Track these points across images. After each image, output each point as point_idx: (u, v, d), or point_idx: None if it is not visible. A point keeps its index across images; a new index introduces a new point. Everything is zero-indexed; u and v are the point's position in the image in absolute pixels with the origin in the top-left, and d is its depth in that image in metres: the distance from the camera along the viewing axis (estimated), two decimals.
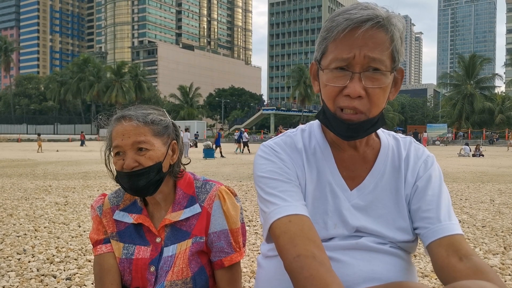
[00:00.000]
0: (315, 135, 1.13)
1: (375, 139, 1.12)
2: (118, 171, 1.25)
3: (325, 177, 1.07)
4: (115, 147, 1.24)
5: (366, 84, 0.94)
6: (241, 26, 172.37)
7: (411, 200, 1.07)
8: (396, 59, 0.97)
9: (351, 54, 0.94)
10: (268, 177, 1.03)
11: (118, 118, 1.27)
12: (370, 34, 0.93)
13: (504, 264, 3.41)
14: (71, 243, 3.90)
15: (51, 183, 8.59)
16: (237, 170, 12.78)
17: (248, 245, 3.93)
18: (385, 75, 0.96)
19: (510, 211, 5.80)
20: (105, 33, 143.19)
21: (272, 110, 64.27)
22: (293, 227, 0.94)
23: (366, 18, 0.93)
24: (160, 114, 1.31)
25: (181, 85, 78.18)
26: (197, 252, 1.27)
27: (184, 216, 1.28)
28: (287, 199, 0.99)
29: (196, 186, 1.34)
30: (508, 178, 10.66)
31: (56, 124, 67.94)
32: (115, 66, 74.01)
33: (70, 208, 5.72)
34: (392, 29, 0.95)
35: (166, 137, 1.29)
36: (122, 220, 1.31)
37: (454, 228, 1.00)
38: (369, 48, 0.93)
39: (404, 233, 1.05)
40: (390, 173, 1.09)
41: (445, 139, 46.53)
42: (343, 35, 0.94)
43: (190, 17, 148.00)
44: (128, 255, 1.27)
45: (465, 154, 22.95)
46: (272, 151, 1.09)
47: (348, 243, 1.04)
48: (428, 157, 1.12)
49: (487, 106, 52.83)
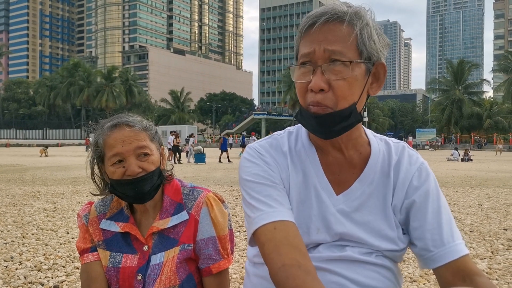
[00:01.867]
0: (301, 137, 1.11)
1: (364, 144, 1.08)
2: (118, 180, 1.22)
3: (311, 180, 1.05)
4: (115, 155, 1.21)
5: (329, 77, 0.93)
6: (232, 31, 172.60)
7: (410, 214, 1.04)
8: (363, 52, 0.95)
9: (312, 49, 0.95)
10: (253, 180, 1.02)
11: (113, 125, 1.24)
12: (328, 28, 0.94)
13: (491, 268, 3.44)
14: (59, 250, 3.87)
15: (39, 189, 8.51)
16: (228, 175, 12.76)
17: (238, 251, 3.93)
18: (348, 66, 0.94)
19: (497, 215, 5.86)
20: (96, 37, 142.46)
21: (263, 114, 64.34)
22: (278, 235, 0.93)
23: (321, 13, 0.95)
24: (148, 120, 1.33)
25: (172, 89, 77.91)
26: (185, 259, 1.26)
27: (172, 223, 1.28)
28: (272, 204, 0.98)
29: (184, 193, 1.33)
30: (496, 182, 10.77)
31: (46, 129, 67.34)
32: (106, 71, 73.65)
33: (58, 215, 5.67)
34: (354, 22, 0.94)
35: (157, 142, 1.30)
36: (108, 229, 1.30)
37: (458, 250, 0.97)
38: (329, 41, 0.94)
39: (391, 243, 1.03)
40: (379, 180, 1.06)
41: (434, 144, 46.91)
42: (304, 32, 0.97)
43: (181, 22, 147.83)
44: (115, 264, 1.26)
45: (454, 158, 23.16)
46: (257, 153, 1.07)
47: (333, 255, 1.02)
48: (422, 164, 1.08)
49: (476, 111, 53.40)
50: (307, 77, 0.96)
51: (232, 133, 63.82)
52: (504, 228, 4.98)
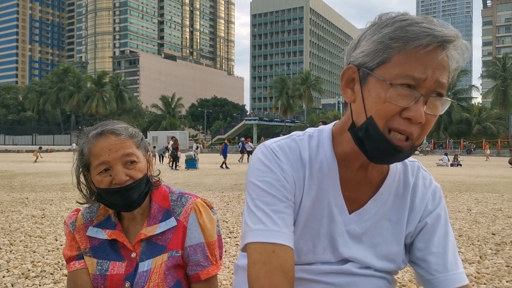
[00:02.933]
0: (323, 146, 1.00)
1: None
2: (105, 189, 1.21)
3: (326, 195, 0.98)
4: (102, 163, 1.19)
5: (427, 109, 0.84)
6: (224, 37, 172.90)
7: (417, 235, 1.01)
8: (449, 88, 0.88)
9: (424, 75, 0.81)
10: (264, 189, 0.93)
11: (98, 133, 1.22)
12: (443, 54, 0.82)
13: (479, 273, 3.47)
14: (47, 257, 3.83)
15: (28, 195, 8.42)
16: (219, 180, 12.74)
17: (228, 257, 3.91)
18: (442, 102, 0.86)
19: (486, 220, 5.92)
20: (86, 42, 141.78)
21: (254, 120, 64.49)
22: (275, 260, 0.86)
23: (451, 39, 0.82)
24: (134, 127, 1.32)
25: (163, 95, 77.74)
26: (173, 266, 1.25)
27: (160, 230, 1.27)
28: (278, 222, 0.90)
29: (172, 199, 1.32)
30: (485, 187, 10.88)
31: (35, 135, 66.79)
32: (96, 76, 73.33)
33: (47, 221, 5.61)
34: (458, 57, 0.85)
35: (143, 149, 1.29)
36: (95, 237, 1.29)
37: (460, 278, 0.96)
38: (440, 71, 0.83)
39: (394, 265, 1.01)
40: (393, 201, 1.01)
41: (424, 149, 47.27)
42: (423, 52, 0.81)
43: (173, 28, 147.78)
44: (102, 271, 1.25)
45: (444, 163, 23.36)
46: (274, 156, 0.96)
47: (331, 267, 0.99)
48: (436, 188, 1.05)
49: (465, 117, 53.99)
50: (405, 101, 0.82)
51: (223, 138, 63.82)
52: (493, 233, 5.02)
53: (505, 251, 4.19)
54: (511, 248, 4.29)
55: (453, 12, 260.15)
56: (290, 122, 69.31)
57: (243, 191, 9.46)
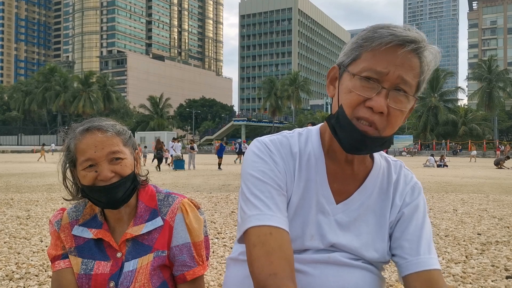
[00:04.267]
0: (312, 141, 1.09)
1: (368, 158, 1.11)
2: (89, 186, 1.20)
3: (314, 187, 1.05)
4: (87, 160, 1.19)
5: (390, 102, 0.93)
6: (212, 37, 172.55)
7: (395, 226, 1.07)
8: (420, 89, 0.98)
9: (386, 70, 0.92)
10: (258, 177, 1.00)
11: (84, 130, 1.22)
12: (409, 56, 0.93)
13: (465, 272, 3.51)
14: (32, 258, 3.77)
15: (13, 196, 8.29)
16: (207, 181, 12.70)
17: (216, 257, 3.90)
18: (409, 99, 0.96)
19: (472, 220, 5.99)
20: (73, 42, 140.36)
21: (243, 121, 64.48)
22: (272, 241, 0.91)
23: (411, 40, 0.92)
24: (122, 124, 1.31)
25: (151, 95, 77.25)
26: (159, 266, 1.24)
27: (146, 229, 1.26)
28: (272, 207, 0.96)
29: (159, 199, 1.32)
30: (470, 188, 11.01)
31: (20, 135, 65.95)
32: (83, 76, 72.64)
33: (32, 222, 5.53)
34: (426, 58, 0.95)
35: (131, 146, 1.28)
36: (81, 236, 1.28)
37: (432, 263, 1.00)
38: (405, 69, 0.93)
39: (379, 254, 1.06)
40: (377, 194, 1.09)
41: (411, 150, 47.71)
42: (385, 49, 0.92)
43: (161, 28, 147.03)
44: (87, 271, 1.24)
45: (430, 164, 23.61)
46: (267, 149, 1.05)
47: (320, 256, 1.03)
48: (416, 184, 1.12)
49: (451, 118, 54.61)
50: (367, 93, 0.93)
51: (212, 139, 63.62)
52: (478, 233, 5.08)
53: (491, 251, 4.23)
54: (497, 248, 4.34)
55: (439, 14, 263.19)
56: (279, 123, 69.44)
57: (231, 192, 9.43)
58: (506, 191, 10.19)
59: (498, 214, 6.51)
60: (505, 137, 64.49)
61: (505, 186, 11.57)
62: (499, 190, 10.41)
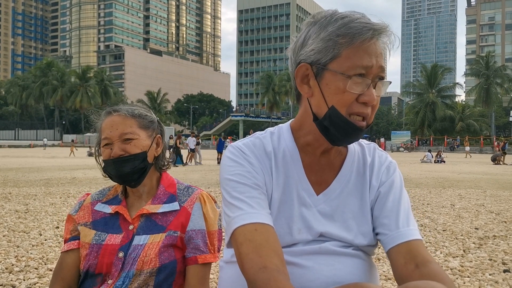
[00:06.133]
0: (284, 138, 1.11)
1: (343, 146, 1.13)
2: (105, 160, 1.35)
3: (293, 181, 1.07)
4: (105, 138, 1.34)
5: (376, 92, 0.97)
6: (210, 32, 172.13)
7: (374, 206, 1.09)
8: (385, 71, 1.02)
9: (371, 62, 0.94)
10: (236, 180, 1.01)
11: (108, 112, 1.38)
12: (382, 44, 0.97)
13: (463, 266, 3.53)
14: (31, 252, 3.77)
15: (11, 190, 8.28)
16: (205, 176, 12.71)
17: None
18: (385, 84, 1.00)
19: (469, 215, 6.02)
20: (70, 36, 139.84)
21: (241, 116, 64.45)
22: (258, 237, 0.92)
23: (383, 28, 0.95)
24: (147, 111, 1.43)
25: (149, 90, 77.19)
26: (170, 245, 1.30)
27: (162, 210, 1.34)
28: (254, 205, 0.98)
29: (179, 188, 1.41)
30: (467, 183, 11.05)
31: (17, 130, 65.72)
32: (80, 71, 72.40)
33: (30, 216, 5.53)
34: (393, 40, 0.99)
35: (151, 130, 1.40)
36: (101, 210, 1.38)
37: (411, 234, 1.01)
38: (381, 58, 0.96)
39: (367, 238, 1.07)
40: (355, 179, 1.10)
41: (408, 146, 47.82)
42: (367, 44, 0.94)
43: (158, 22, 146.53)
44: (99, 241, 1.31)
45: (428, 160, 23.67)
46: (241, 153, 1.06)
47: (311, 247, 1.04)
48: (391, 163, 1.15)
49: (448, 114, 54.74)
50: (359, 88, 0.95)
51: (210, 134, 63.57)
52: (476, 227, 5.11)
53: (488, 245, 4.26)
54: (494, 242, 4.37)
55: (438, 10, 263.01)
56: (277, 119, 69.44)
57: None
58: (503, 187, 10.24)
59: (495, 209, 6.54)
60: (502, 133, 64.76)
61: (502, 182, 11.62)
62: (496, 186, 10.46)
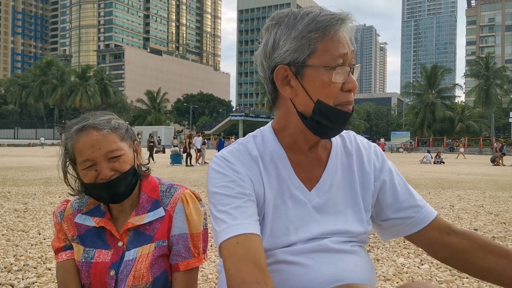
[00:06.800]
0: (268, 140, 1.10)
1: (327, 139, 1.14)
2: (91, 184, 1.21)
3: (284, 182, 1.07)
4: (86, 160, 1.19)
5: (354, 77, 1.00)
6: (210, 32, 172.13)
7: (380, 193, 1.13)
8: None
9: (345, 50, 0.97)
10: (221, 193, 1.00)
11: (79, 129, 1.20)
12: (347, 31, 0.99)
13: None
14: (30, 251, 3.77)
15: (10, 189, 8.28)
16: (204, 176, 12.69)
17: (215, 251, 3.90)
18: (357, 69, 1.02)
19: (468, 216, 6.02)
20: (70, 35, 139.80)
21: (240, 116, 64.36)
22: (239, 250, 0.92)
23: (347, 16, 0.98)
24: (117, 118, 1.29)
25: (149, 90, 77.09)
26: (160, 256, 1.25)
27: (148, 219, 1.27)
28: (238, 217, 0.96)
29: (161, 190, 1.33)
30: (467, 184, 11.05)
31: (17, 129, 65.66)
32: (80, 70, 72.42)
33: (30, 215, 5.52)
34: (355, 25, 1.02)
35: (129, 139, 1.28)
36: (83, 223, 1.29)
37: (432, 210, 1.12)
38: (351, 43, 0.99)
39: (363, 225, 1.10)
40: (341, 169, 1.12)
41: (408, 147, 47.83)
42: (340, 34, 0.96)
43: (158, 22, 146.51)
44: (88, 259, 1.25)
45: (427, 161, 23.67)
46: (226, 162, 1.05)
47: (311, 245, 1.04)
48: (375, 147, 1.19)
49: (448, 115, 54.78)
50: (342, 78, 0.97)
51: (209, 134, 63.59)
52: (475, 229, 5.11)
53: None
54: None
55: (438, 11, 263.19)
56: None
57: None
58: (502, 188, 10.24)
59: (494, 210, 6.54)
60: (502, 134, 64.80)
61: (501, 183, 11.62)
62: (495, 187, 10.45)
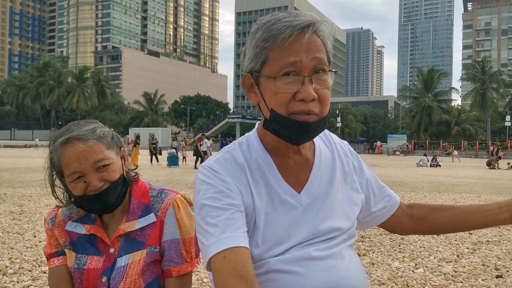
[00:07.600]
0: (254, 147, 1.09)
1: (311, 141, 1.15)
2: (80, 196, 1.20)
3: (272, 188, 1.06)
4: (73, 173, 1.17)
5: (316, 86, 0.97)
6: (208, 34, 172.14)
7: (367, 191, 1.20)
8: (330, 60, 1.02)
9: (298, 58, 0.95)
10: (209, 204, 0.98)
11: (64, 141, 1.17)
12: (312, 39, 0.97)
13: (456, 271, 3.55)
14: (25, 253, 3.77)
15: (6, 191, 8.26)
16: None
17: None
18: (328, 75, 1.00)
19: None
20: (67, 37, 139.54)
21: (238, 118, 64.34)
22: (226, 265, 0.91)
23: (308, 23, 0.96)
24: (102, 126, 1.27)
25: (146, 91, 76.98)
26: (152, 262, 1.25)
27: (139, 225, 1.26)
28: (226, 230, 0.95)
29: (152, 195, 1.32)
30: (463, 188, 11.09)
31: (13, 130, 65.44)
32: (77, 71, 72.30)
33: (25, 218, 5.52)
34: (324, 32, 1.00)
35: (116, 147, 1.26)
36: (74, 231, 1.28)
37: (396, 195, 1.26)
38: (314, 51, 0.97)
39: (351, 220, 1.13)
40: (325, 168, 1.13)
41: (404, 150, 47.92)
42: (289, 42, 0.95)
43: (156, 24, 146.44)
44: (80, 265, 1.24)
45: (423, 164, 23.74)
46: (213, 172, 1.03)
47: (304, 253, 1.03)
48: (345, 144, 1.23)
49: (444, 118, 54.93)
50: (293, 87, 0.96)
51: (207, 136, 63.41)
52: (469, 232, 5.13)
53: (481, 250, 4.29)
54: (487, 248, 4.39)
55: (434, 15, 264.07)
56: None
57: None
58: (498, 191, 10.28)
59: None
60: (498, 138, 65.00)
61: (497, 187, 11.67)
62: (491, 190, 10.50)
